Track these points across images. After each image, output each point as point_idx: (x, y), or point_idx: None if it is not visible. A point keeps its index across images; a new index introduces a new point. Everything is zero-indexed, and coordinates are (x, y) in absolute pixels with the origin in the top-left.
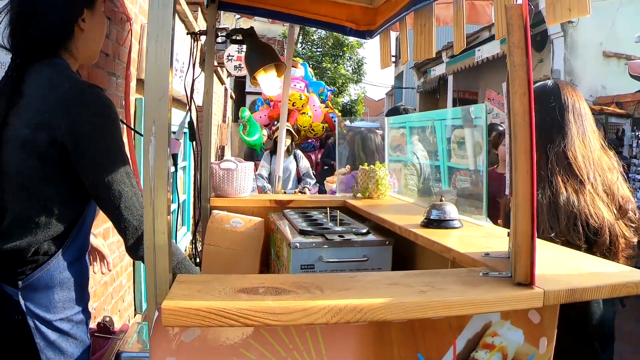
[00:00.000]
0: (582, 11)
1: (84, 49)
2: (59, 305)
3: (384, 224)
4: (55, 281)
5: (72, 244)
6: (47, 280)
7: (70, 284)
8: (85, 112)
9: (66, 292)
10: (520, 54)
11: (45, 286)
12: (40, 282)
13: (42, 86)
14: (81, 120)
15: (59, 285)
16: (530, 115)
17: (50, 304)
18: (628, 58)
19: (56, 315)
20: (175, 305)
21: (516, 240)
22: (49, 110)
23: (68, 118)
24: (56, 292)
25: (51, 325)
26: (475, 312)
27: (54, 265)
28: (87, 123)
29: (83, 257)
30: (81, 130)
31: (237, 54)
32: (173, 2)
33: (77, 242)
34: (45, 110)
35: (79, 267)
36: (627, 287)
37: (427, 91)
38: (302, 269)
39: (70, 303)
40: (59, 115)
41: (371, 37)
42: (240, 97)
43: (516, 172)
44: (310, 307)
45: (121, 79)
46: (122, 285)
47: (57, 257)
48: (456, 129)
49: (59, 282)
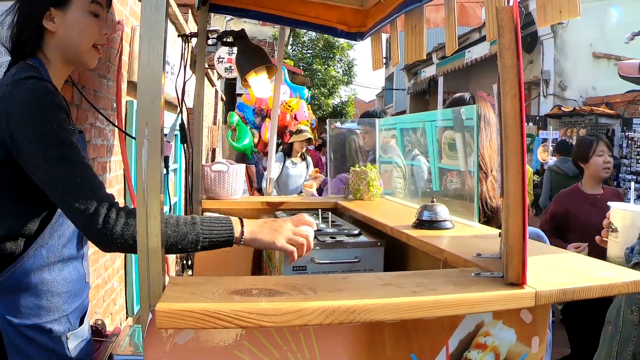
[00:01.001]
0: (572, 13)
1: (60, 50)
2: (25, 311)
3: (376, 225)
4: (21, 286)
5: (42, 249)
6: (13, 284)
7: (40, 291)
8: (15, 105)
9: (34, 298)
10: (511, 56)
11: (11, 290)
12: (6, 285)
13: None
14: (12, 114)
15: (25, 290)
16: (521, 116)
17: (17, 309)
18: (618, 59)
19: (23, 321)
20: (169, 307)
21: (508, 240)
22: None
23: (5, 115)
24: (22, 297)
25: (17, 331)
26: (468, 312)
27: (19, 269)
28: (16, 115)
29: (65, 264)
30: (13, 124)
31: (227, 56)
32: (165, 5)
33: (50, 247)
34: None
35: (54, 274)
36: (618, 287)
37: (418, 92)
38: (294, 271)
39: (39, 310)
40: (0, 115)
41: (362, 39)
42: (231, 99)
43: (507, 173)
44: (304, 309)
45: (112, 81)
46: (114, 288)
47: (22, 260)
48: (447, 130)
49: (26, 287)
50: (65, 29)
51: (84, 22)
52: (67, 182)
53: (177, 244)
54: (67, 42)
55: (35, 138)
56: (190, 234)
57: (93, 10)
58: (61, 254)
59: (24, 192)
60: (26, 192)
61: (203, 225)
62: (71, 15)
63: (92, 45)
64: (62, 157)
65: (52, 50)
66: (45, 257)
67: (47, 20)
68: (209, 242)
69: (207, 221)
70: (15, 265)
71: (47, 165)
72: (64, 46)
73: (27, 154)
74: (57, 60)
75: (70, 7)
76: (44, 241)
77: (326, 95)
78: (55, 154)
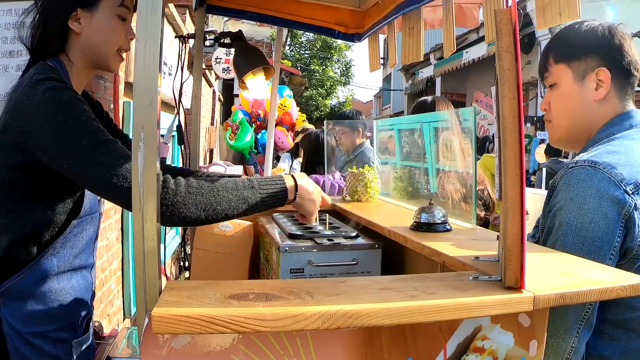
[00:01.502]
0: (572, 15)
1: (84, 52)
2: (32, 319)
3: (373, 227)
4: (28, 293)
5: (53, 257)
6: (20, 291)
7: (48, 299)
8: (33, 105)
9: (41, 306)
10: (510, 58)
11: (17, 296)
12: (13, 291)
13: (15, 87)
14: (31, 115)
15: (32, 297)
16: (520, 119)
17: (23, 316)
18: None
19: (28, 328)
20: (165, 312)
21: (506, 244)
22: (9, 112)
23: (22, 118)
24: (29, 305)
25: (22, 338)
26: (466, 316)
27: (28, 276)
28: (36, 114)
29: (74, 272)
30: (33, 124)
31: (225, 56)
32: (162, 7)
33: (61, 256)
34: (6, 112)
35: (63, 282)
36: (617, 290)
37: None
38: (292, 273)
39: (45, 318)
40: (17, 117)
41: (360, 40)
42: (228, 99)
43: (505, 176)
44: (301, 314)
45: (109, 82)
46: (111, 289)
47: (30, 268)
48: (445, 131)
49: (33, 294)
50: (91, 31)
51: (111, 25)
52: (109, 164)
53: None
54: (92, 45)
55: (63, 132)
56: (250, 197)
57: (121, 14)
58: (72, 264)
59: (39, 198)
60: (41, 197)
61: (261, 189)
62: (98, 17)
63: (116, 50)
64: (97, 142)
65: (75, 52)
66: (55, 266)
67: (73, 21)
68: (266, 204)
69: (264, 183)
70: (24, 272)
71: (82, 153)
72: (88, 49)
73: (57, 150)
74: (80, 63)
75: (97, 9)
76: (56, 250)
77: (324, 96)
78: (89, 142)
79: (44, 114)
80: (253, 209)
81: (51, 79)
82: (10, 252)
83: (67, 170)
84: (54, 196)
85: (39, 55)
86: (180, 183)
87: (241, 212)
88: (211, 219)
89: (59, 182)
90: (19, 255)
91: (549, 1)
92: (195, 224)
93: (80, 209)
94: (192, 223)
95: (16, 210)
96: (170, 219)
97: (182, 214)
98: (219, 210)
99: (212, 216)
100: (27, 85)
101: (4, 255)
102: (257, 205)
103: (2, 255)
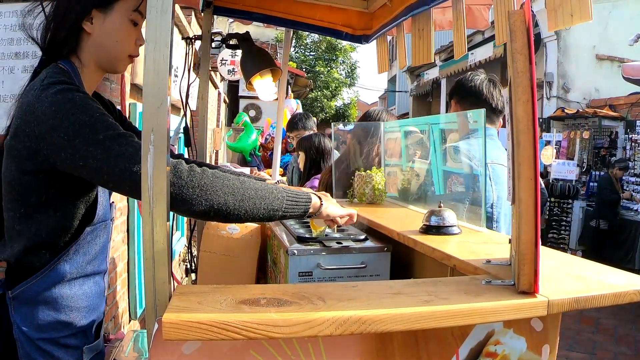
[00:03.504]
0: (584, 17)
1: (95, 54)
2: (43, 324)
3: (382, 230)
4: (39, 299)
5: (66, 264)
6: (31, 296)
7: (59, 305)
8: (45, 106)
9: (53, 312)
10: (524, 60)
11: (29, 302)
12: (25, 296)
13: (26, 90)
14: (43, 117)
15: (44, 303)
16: (534, 122)
17: (33, 322)
18: (621, 61)
19: (39, 334)
20: (176, 318)
21: (520, 248)
22: (20, 117)
23: (34, 121)
24: (41, 310)
25: (33, 344)
26: (480, 321)
27: (40, 282)
28: (49, 116)
29: (86, 279)
30: (46, 126)
31: (230, 58)
32: (172, 7)
33: (74, 263)
34: (18, 116)
35: (75, 288)
36: (630, 295)
37: (421, 95)
38: (300, 276)
39: (57, 325)
40: (29, 121)
41: (367, 41)
42: (233, 101)
43: (519, 180)
44: (314, 319)
45: (115, 84)
46: (117, 291)
47: (43, 273)
48: (452, 132)
49: (45, 300)
50: (103, 32)
51: (123, 29)
52: (129, 154)
53: (260, 210)
54: (103, 46)
55: (79, 129)
56: (274, 202)
57: (134, 19)
58: (84, 270)
59: (54, 204)
60: (56, 203)
61: (287, 198)
62: (112, 20)
63: (127, 55)
64: (116, 136)
65: (87, 54)
66: (68, 272)
67: (86, 21)
68: (289, 214)
69: (290, 194)
70: (36, 278)
71: (100, 148)
72: (98, 50)
73: (73, 148)
74: (92, 65)
75: (112, 11)
76: (69, 257)
77: (329, 98)
78: (108, 135)
79: (57, 115)
80: (271, 215)
81: (62, 82)
82: (24, 257)
83: (84, 168)
84: (68, 202)
85: (51, 55)
86: (193, 166)
87: (259, 217)
88: (237, 213)
89: (73, 188)
90: (32, 261)
91: (561, 2)
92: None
93: (94, 215)
94: (216, 211)
95: (30, 216)
96: (188, 199)
97: (197, 195)
98: (245, 206)
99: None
100: (38, 88)
101: (16, 260)
102: (276, 212)
103: (15, 260)
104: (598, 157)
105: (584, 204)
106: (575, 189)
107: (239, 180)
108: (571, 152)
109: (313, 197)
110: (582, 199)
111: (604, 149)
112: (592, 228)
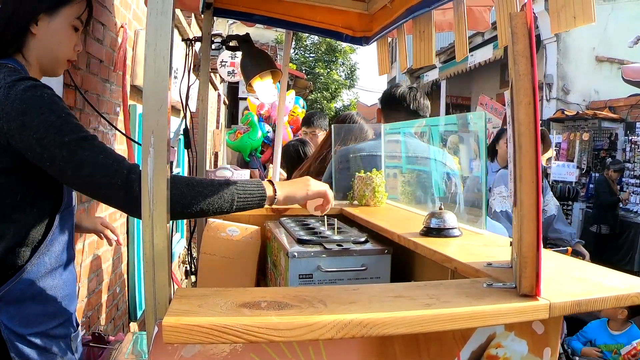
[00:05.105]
0: (587, 19)
1: (38, 57)
2: (33, 319)
3: (383, 232)
4: (26, 295)
5: (45, 256)
6: (18, 294)
7: (45, 298)
8: (15, 104)
9: (40, 306)
10: (526, 62)
11: (16, 300)
12: (11, 296)
13: None
14: (13, 114)
15: (31, 299)
16: (536, 125)
17: (22, 318)
18: (621, 63)
19: (29, 329)
20: (176, 321)
21: (521, 251)
22: None
23: (4, 118)
24: (28, 306)
25: (25, 340)
26: (482, 324)
27: (24, 278)
28: (19, 113)
29: (63, 267)
30: (15, 123)
31: (230, 59)
32: (172, 9)
33: (51, 253)
34: None
35: (56, 278)
36: (632, 297)
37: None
38: (301, 279)
39: (45, 317)
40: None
41: (368, 43)
42: (233, 102)
43: (521, 183)
44: (315, 323)
45: (115, 85)
46: (116, 293)
47: (25, 270)
48: (452, 134)
49: (31, 295)
50: (47, 34)
51: (65, 32)
52: (93, 161)
53: (214, 202)
54: (45, 48)
55: (47, 129)
56: (226, 193)
57: (75, 25)
58: (61, 259)
59: (30, 200)
60: (32, 199)
61: (237, 186)
62: (55, 23)
63: (66, 59)
64: (80, 139)
65: (31, 54)
66: (48, 263)
67: (32, 22)
68: (244, 201)
69: (240, 182)
70: (19, 276)
71: (66, 150)
72: (40, 51)
73: (42, 147)
74: (35, 65)
75: (57, 15)
76: (47, 248)
77: (328, 99)
78: (73, 139)
79: (27, 112)
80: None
81: (27, 78)
82: (6, 258)
83: (50, 168)
84: (41, 195)
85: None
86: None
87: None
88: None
89: (44, 179)
90: (14, 261)
91: (564, 5)
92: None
93: (62, 202)
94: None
95: (9, 217)
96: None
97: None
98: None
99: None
100: (4, 87)
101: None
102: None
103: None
104: (598, 159)
105: (583, 205)
106: (575, 190)
107: (192, 179)
108: (571, 153)
109: (267, 188)
110: (582, 201)
111: (603, 150)
112: (592, 233)
